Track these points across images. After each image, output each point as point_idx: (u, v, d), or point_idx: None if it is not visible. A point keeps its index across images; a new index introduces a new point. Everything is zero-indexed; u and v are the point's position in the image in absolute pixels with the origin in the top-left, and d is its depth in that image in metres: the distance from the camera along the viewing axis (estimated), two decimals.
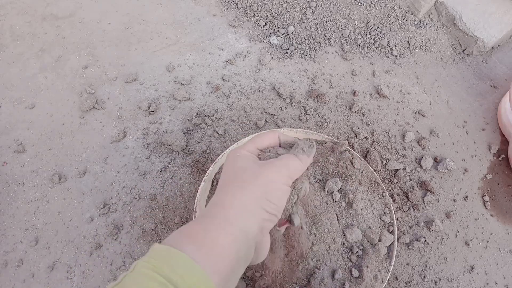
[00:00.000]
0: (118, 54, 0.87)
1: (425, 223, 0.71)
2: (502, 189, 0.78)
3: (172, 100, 0.80)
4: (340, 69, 0.89)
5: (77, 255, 0.64)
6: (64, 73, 0.83)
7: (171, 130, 0.76)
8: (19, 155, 0.73)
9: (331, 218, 0.57)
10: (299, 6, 0.94)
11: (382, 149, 0.77)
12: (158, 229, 0.66)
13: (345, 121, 0.81)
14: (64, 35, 0.89)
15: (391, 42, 0.92)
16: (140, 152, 0.74)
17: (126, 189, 0.70)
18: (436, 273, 0.67)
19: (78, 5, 0.94)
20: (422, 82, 0.90)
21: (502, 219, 0.74)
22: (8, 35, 0.88)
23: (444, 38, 0.95)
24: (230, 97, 0.81)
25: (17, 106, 0.78)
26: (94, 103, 0.78)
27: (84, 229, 0.66)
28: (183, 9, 0.96)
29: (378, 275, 0.56)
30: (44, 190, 0.69)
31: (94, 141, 0.75)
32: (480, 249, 0.70)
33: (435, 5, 0.96)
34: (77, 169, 0.72)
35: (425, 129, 0.82)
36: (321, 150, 0.67)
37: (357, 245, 0.58)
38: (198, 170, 0.72)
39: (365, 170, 0.65)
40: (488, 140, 0.83)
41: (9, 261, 0.63)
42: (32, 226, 0.66)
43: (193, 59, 0.87)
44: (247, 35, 0.92)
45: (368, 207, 0.61)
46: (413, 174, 0.75)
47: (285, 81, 0.85)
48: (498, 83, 0.93)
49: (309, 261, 0.55)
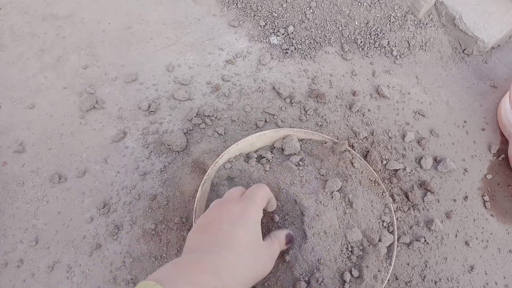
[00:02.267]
0: (118, 54, 0.87)
1: (425, 223, 0.71)
2: (502, 189, 0.78)
3: (172, 100, 0.80)
4: (340, 69, 0.89)
5: (77, 255, 0.64)
6: (64, 73, 0.83)
7: (171, 130, 0.76)
8: (19, 155, 0.73)
9: (331, 218, 0.57)
10: (299, 6, 0.94)
11: (382, 149, 0.77)
12: (158, 229, 0.66)
13: (345, 121, 0.81)
14: (64, 35, 0.89)
15: (391, 42, 0.92)
16: (140, 152, 0.74)
17: (126, 189, 0.70)
18: (436, 273, 0.67)
19: (78, 5, 0.94)
20: (422, 82, 0.90)
21: (502, 219, 0.74)
22: (8, 35, 0.88)
23: (444, 38, 0.95)
24: (230, 97, 0.81)
25: (17, 106, 0.78)
26: (94, 103, 0.78)
27: (84, 229, 0.66)
28: (183, 9, 0.96)
29: (378, 275, 0.56)
30: (44, 190, 0.69)
31: (94, 141, 0.75)
32: (480, 249, 0.70)
33: (435, 5, 0.96)
34: (77, 169, 0.72)
35: (425, 129, 0.82)
36: (321, 150, 0.67)
37: (357, 245, 0.58)
38: (198, 170, 0.72)
39: (365, 170, 0.65)
40: (488, 140, 0.83)
41: (9, 261, 0.63)
42: (32, 226, 0.66)
43: (193, 59, 0.87)
44: (247, 35, 0.92)
45: (368, 207, 0.61)
46: (413, 174, 0.75)
47: (285, 81, 0.85)
48: (498, 83, 0.93)
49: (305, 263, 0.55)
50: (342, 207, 0.59)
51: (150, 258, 0.63)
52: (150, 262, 0.63)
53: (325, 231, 0.56)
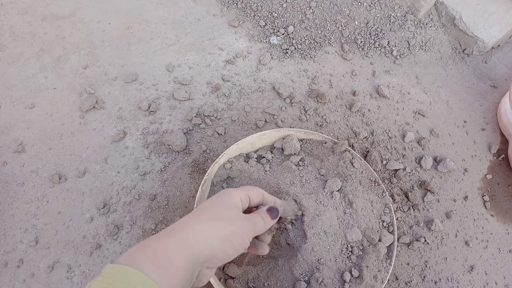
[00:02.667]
0: (118, 54, 0.87)
1: (425, 223, 0.71)
2: (502, 189, 0.78)
3: (172, 100, 0.80)
4: (340, 69, 0.89)
5: (77, 255, 0.64)
6: (64, 73, 0.83)
7: (171, 130, 0.76)
8: (19, 155, 0.73)
9: (331, 218, 0.57)
10: (299, 6, 0.94)
11: (382, 149, 0.77)
12: (158, 229, 0.66)
13: (345, 121, 0.81)
14: (64, 35, 0.89)
15: (391, 42, 0.92)
16: (140, 152, 0.74)
17: (126, 189, 0.70)
18: (436, 273, 0.67)
19: (78, 5, 0.94)
20: (422, 82, 0.90)
21: (502, 219, 0.74)
22: (8, 35, 0.88)
23: (444, 38, 0.95)
24: (230, 97, 0.81)
25: (17, 106, 0.78)
26: (94, 103, 0.78)
27: (84, 229, 0.66)
28: (183, 9, 0.96)
29: (378, 275, 0.56)
30: (44, 190, 0.69)
31: (94, 141, 0.75)
32: (480, 249, 0.70)
33: (435, 5, 0.96)
34: (77, 169, 0.72)
35: (425, 129, 0.82)
36: (321, 150, 0.67)
37: (357, 245, 0.58)
38: (198, 170, 0.72)
39: (365, 170, 0.65)
40: (488, 140, 0.83)
41: (9, 261, 0.63)
42: (32, 226, 0.66)
43: (193, 59, 0.87)
44: (247, 35, 0.92)
45: (368, 207, 0.61)
46: (413, 174, 0.75)
47: (285, 81, 0.85)
48: (498, 83, 0.93)
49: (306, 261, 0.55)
50: (342, 207, 0.59)
51: None
52: None
53: (325, 231, 0.56)
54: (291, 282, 0.55)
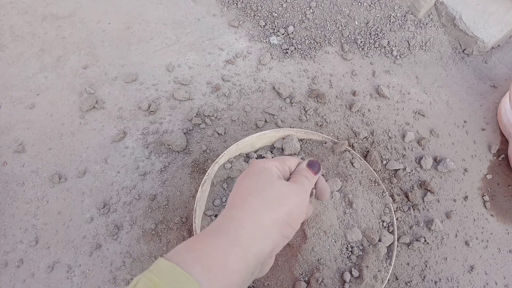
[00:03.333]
0: (118, 54, 0.87)
1: (425, 223, 0.71)
2: (502, 189, 0.78)
3: (172, 100, 0.80)
4: (340, 69, 0.89)
5: (77, 255, 0.64)
6: (64, 73, 0.83)
7: (171, 130, 0.76)
8: (19, 155, 0.73)
9: (331, 218, 0.57)
10: (299, 6, 0.94)
11: (382, 149, 0.77)
12: (158, 229, 0.66)
13: (345, 121, 0.81)
14: (64, 35, 0.89)
15: (391, 42, 0.92)
16: (140, 152, 0.74)
17: (126, 189, 0.70)
18: (436, 273, 0.67)
19: (78, 5, 0.94)
20: (422, 82, 0.90)
21: (502, 219, 0.74)
22: (8, 35, 0.88)
23: (444, 38, 0.95)
24: (230, 97, 0.81)
25: (17, 106, 0.78)
26: (94, 103, 0.78)
27: (84, 229, 0.66)
28: (183, 9, 0.96)
29: (378, 275, 0.56)
30: (44, 190, 0.69)
31: (94, 141, 0.75)
32: (480, 249, 0.70)
33: (435, 5, 0.96)
34: (77, 169, 0.72)
35: (425, 129, 0.82)
36: (321, 150, 0.67)
37: (357, 245, 0.58)
38: (198, 170, 0.72)
39: (365, 170, 0.65)
40: (488, 140, 0.83)
41: (9, 261, 0.63)
42: (32, 226, 0.66)
43: (193, 59, 0.87)
44: (247, 35, 0.92)
45: (368, 207, 0.61)
46: (413, 174, 0.75)
47: (285, 81, 0.85)
48: (498, 83, 0.93)
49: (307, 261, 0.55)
50: (342, 207, 0.59)
51: (150, 258, 0.63)
52: (150, 262, 0.63)
53: (325, 231, 0.56)
54: (291, 282, 0.55)
